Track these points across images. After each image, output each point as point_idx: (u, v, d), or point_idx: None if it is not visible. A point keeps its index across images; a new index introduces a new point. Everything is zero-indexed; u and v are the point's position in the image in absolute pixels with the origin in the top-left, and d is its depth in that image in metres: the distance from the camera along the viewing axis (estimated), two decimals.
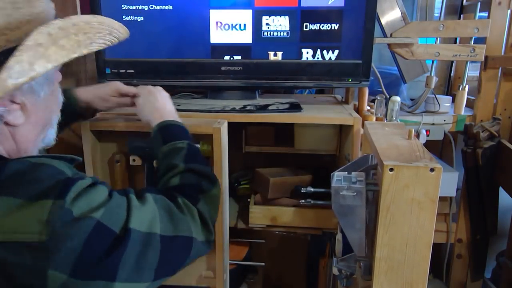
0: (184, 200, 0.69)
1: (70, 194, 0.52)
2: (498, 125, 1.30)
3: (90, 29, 0.57)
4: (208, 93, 1.25)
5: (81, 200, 0.53)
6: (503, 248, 1.45)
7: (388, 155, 0.66)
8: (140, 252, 0.58)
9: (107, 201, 0.56)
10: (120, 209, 0.58)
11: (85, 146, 1.01)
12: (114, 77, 1.17)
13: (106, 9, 1.12)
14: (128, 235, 0.56)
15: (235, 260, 1.33)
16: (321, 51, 1.14)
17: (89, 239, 0.52)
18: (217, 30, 1.14)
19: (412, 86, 1.54)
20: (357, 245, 0.77)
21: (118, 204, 0.58)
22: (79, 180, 0.55)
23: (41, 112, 0.60)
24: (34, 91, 0.57)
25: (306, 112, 1.13)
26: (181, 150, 0.78)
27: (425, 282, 0.66)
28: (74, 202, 0.52)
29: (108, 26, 0.60)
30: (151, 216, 0.61)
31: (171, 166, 0.76)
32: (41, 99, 0.58)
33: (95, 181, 0.58)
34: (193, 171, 0.75)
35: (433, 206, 0.63)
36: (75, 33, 0.54)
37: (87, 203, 0.54)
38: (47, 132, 0.64)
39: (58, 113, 0.67)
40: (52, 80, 0.61)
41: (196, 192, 0.72)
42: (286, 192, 1.26)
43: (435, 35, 1.23)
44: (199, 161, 0.78)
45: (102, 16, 0.60)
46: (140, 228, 0.58)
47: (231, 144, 1.03)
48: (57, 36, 0.52)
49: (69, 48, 0.53)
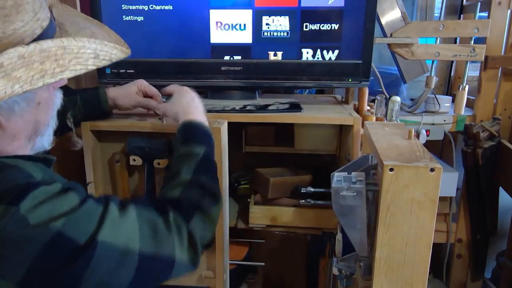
0: (176, 216, 0.64)
1: (27, 200, 0.49)
2: (498, 125, 1.30)
3: (65, 55, 0.52)
4: (208, 93, 1.25)
5: (41, 207, 0.50)
6: (503, 248, 1.45)
7: (388, 155, 0.66)
8: (112, 268, 0.54)
9: (73, 210, 0.52)
10: (90, 219, 0.54)
11: (85, 146, 1.01)
12: (114, 77, 1.17)
13: (106, 9, 1.12)
14: (94, 247, 0.52)
15: (235, 260, 1.33)
16: (321, 51, 1.14)
17: (45, 249, 0.48)
18: (217, 30, 1.14)
19: (412, 86, 1.54)
20: (358, 244, 0.77)
21: (88, 213, 0.54)
22: (42, 186, 0.52)
23: (21, 125, 0.57)
24: (5, 108, 0.54)
25: (306, 112, 1.13)
26: (195, 156, 0.75)
27: (425, 282, 0.66)
28: (32, 209, 0.49)
29: (94, 49, 0.56)
30: (130, 230, 0.57)
31: (179, 173, 0.73)
32: (18, 114, 0.56)
33: (67, 187, 0.55)
34: (199, 185, 0.72)
35: (433, 206, 0.63)
36: (40, 61, 0.50)
37: (48, 211, 0.50)
38: (36, 141, 0.62)
39: (49, 122, 0.64)
40: (32, 96, 0.57)
41: (193, 209, 0.68)
42: (286, 192, 1.26)
43: (435, 35, 1.23)
44: (210, 173, 0.76)
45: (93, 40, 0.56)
46: (114, 241, 0.54)
47: (231, 144, 1.03)
48: (12, 67, 0.47)
49: (26, 79, 0.49)
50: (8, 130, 0.56)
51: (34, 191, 0.50)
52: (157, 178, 1.05)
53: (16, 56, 0.48)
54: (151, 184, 1.05)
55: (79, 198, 0.55)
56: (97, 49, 0.57)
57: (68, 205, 0.53)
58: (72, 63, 0.54)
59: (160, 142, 1.00)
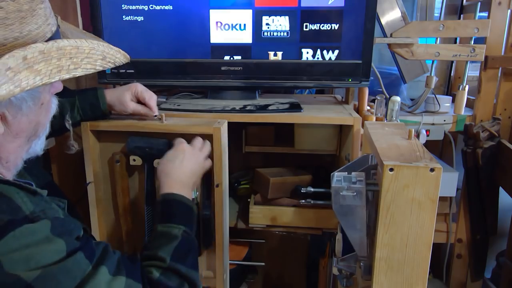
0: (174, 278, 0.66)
1: (5, 240, 0.47)
2: (498, 125, 1.30)
3: (78, 54, 0.56)
4: (208, 93, 1.25)
5: (17, 253, 0.48)
6: (503, 248, 1.45)
7: (388, 155, 0.66)
8: None
9: (54, 263, 0.50)
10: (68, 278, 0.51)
11: (85, 146, 1.01)
12: (114, 77, 1.17)
13: (106, 9, 1.12)
14: None
15: (235, 260, 1.33)
16: (321, 51, 1.14)
17: None
18: (217, 30, 1.14)
19: (412, 86, 1.54)
20: (358, 245, 0.77)
21: (69, 271, 0.51)
22: (25, 224, 0.49)
23: (24, 124, 0.59)
24: (15, 105, 0.56)
25: (306, 112, 1.13)
26: (174, 240, 0.72)
27: (425, 282, 0.66)
28: (8, 253, 0.47)
29: (102, 52, 0.60)
30: None
31: (157, 253, 0.69)
32: (24, 112, 0.57)
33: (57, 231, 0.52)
34: (178, 273, 0.68)
35: (433, 206, 0.63)
36: (58, 57, 0.53)
37: (24, 260, 0.48)
38: (32, 144, 0.64)
39: (47, 125, 0.66)
40: (38, 95, 0.59)
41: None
42: (286, 192, 1.26)
43: (435, 35, 1.23)
44: (188, 260, 0.72)
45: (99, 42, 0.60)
46: None
47: (231, 144, 1.03)
48: (34, 61, 0.51)
49: (45, 72, 0.52)
50: (13, 127, 0.57)
51: (15, 231, 0.48)
52: None
53: (37, 51, 0.51)
54: (151, 184, 1.05)
55: (67, 249, 0.52)
56: (105, 52, 0.61)
57: (49, 256, 0.50)
58: (84, 62, 0.57)
59: (160, 142, 1.00)
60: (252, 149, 1.31)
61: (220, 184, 0.99)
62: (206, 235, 1.07)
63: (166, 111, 1.10)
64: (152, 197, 1.06)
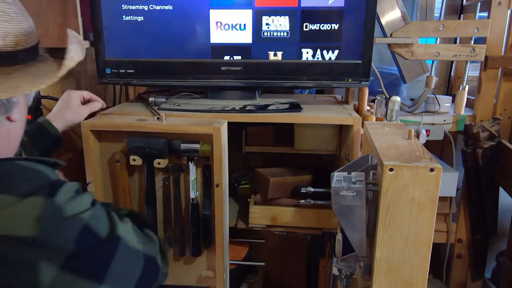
0: (148, 231, 0.73)
1: (60, 194, 0.54)
2: (498, 125, 1.30)
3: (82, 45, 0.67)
4: (208, 93, 1.25)
5: (71, 201, 0.55)
6: (503, 248, 1.45)
7: (388, 155, 0.66)
8: (129, 262, 0.61)
9: (92, 206, 0.58)
10: (104, 217, 0.60)
11: (85, 146, 1.01)
12: (114, 77, 1.17)
13: (106, 9, 1.12)
14: (117, 242, 0.59)
15: (235, 260, 1.33)
16: (321, 51, 1.14)
17: (79, 237, 0.54)
18: (217, 30, 1.14)
19: (412, 86, 1.54)
20: (358, 245, 0.77)
21: (101, 211, 0.60)
22: (65, 183, 0.57)
23: (24, 112, 0.63)
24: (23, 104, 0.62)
25: (306, 112, 1.13)
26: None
27: (425, 282, 0.66)
28: (64, 202, 0.54)
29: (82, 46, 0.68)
30: (131, 233, 0.64)
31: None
32: (23, 113, 0.63)
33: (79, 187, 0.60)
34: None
35: (433, 206, 0.63)
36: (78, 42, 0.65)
37: (75, 206, 0.56)
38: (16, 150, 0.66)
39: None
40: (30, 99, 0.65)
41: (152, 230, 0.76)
42: (286, 192, 1.26)
43: (435, 35, 1.23)
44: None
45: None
46: (127, 239, 0.61)
47: (231, 144, 1.03)
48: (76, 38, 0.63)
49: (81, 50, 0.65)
50: (22, 113, 0.62)
51: (63, 187, 0.56)
52: (157, 178, 1.06)
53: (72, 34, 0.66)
54: (151, 184, 1.05)
55: (91, 198, 0.60)
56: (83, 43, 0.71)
57: (88, 202, 0.58)
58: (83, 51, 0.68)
59: (160, 142, 1.00)
60: (252, 149, 1.31)
61: (220, 184, 0.99)
62: (206, 235, 1.07)
63: (166, 111, 1.10)
64: (152, 197, 1.06)
